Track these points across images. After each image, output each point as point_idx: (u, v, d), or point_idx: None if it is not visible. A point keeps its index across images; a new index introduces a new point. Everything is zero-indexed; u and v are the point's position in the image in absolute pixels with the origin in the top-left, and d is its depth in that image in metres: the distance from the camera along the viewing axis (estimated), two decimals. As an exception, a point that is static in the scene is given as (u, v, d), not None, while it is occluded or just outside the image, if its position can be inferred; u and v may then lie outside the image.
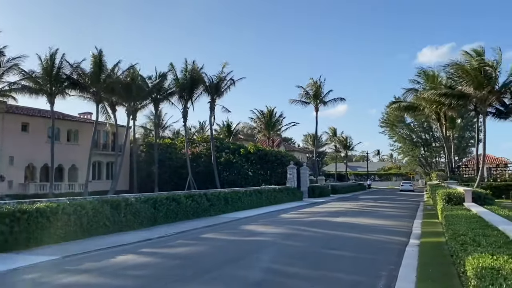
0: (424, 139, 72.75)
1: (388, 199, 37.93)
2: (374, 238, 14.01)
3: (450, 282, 7.65)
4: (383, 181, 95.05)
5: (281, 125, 61.08)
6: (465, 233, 7.96)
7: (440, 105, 39.11)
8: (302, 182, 38.55)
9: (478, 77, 32.40)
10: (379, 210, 25.32)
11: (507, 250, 6.15)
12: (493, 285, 4.28)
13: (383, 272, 8.79)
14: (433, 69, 43.42)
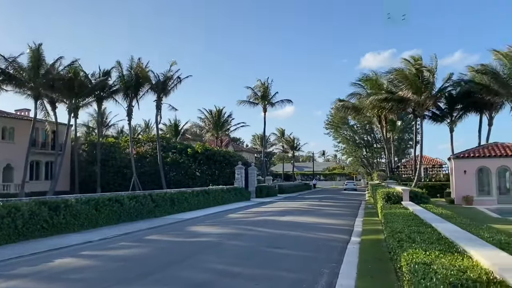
0: (366, 140, 75.64)
1: (332, 198, 39.04)
2: (318, 236, 14.35)
3: (387, 277, 7.99)
4: (328, 180, 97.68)
5: (230, 125, 61.08)
6: (402, 231, 8.34)
7: (381, 109, 40.86)
8: (250, 182, 38.74)
9: (416, 83, 34.15)
10: (323, 209, 25.99)
11: (439, 246, 6.50)
12: (424, 279, 4.50)
13: (326, 269, 9.01)
14: (375, 74, 45.26)
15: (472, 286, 4.21)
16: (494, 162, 27.57)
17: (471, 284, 4.25)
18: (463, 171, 28.22)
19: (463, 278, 4.48)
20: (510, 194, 27.24)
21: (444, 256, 5.65)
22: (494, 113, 39.08)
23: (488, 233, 8.09)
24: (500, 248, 6.25)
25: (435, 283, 4.28)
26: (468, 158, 28.47)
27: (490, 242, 6.80)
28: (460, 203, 27.28)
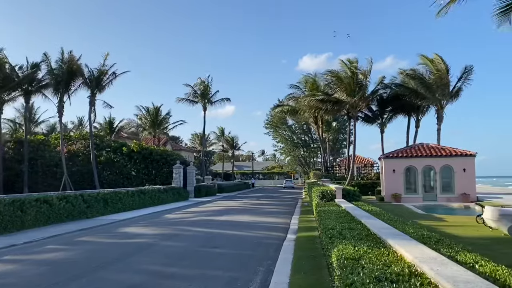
0: (303, 140, 77.60)
1: (270, 197, 39.58)
2: (254, 234, 14.46)
3: (320, 273, 8.21)
4: (267, 179, 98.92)
5: (168, 123, 59.92)
6: (334, 227, 8.62)
7: (318, 110, 42.08)
8: (188, 182, 38.23)
9: (351, 85, 35.56)
10: (261, 208, 26.27)
11: (367, 242, 6.80)
12: (352, 274, 4.67)
13: (261, 267, 9.09)
14: (313, 76, 46.56)
15: (396, 279, 4.42)
16: (420, 161, 29.38)
17: (395, 277, 4.47)
18: (392, 170, 29.79)
19: (388, 272, 4.70)
20: (434, 192, 29.16)
21: (371, 251, 5.91)
22: (421, 116, 41.71)
23: (413, 228, 8.57)
24: (422, 242, 6.64)
25: (361, 278, 4.45)
26: (396, 158, 30.09)
27: (414, 237, 7.21)
28: (390, 200, 28.78)
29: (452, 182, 28.76)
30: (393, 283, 4.25)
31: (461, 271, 4.26)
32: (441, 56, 35.30)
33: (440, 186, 29.00)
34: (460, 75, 35.54)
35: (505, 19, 15.05)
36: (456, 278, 3.91)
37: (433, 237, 7.39)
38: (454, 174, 28.62)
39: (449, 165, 28.87)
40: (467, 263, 5.20)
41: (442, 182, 29.01)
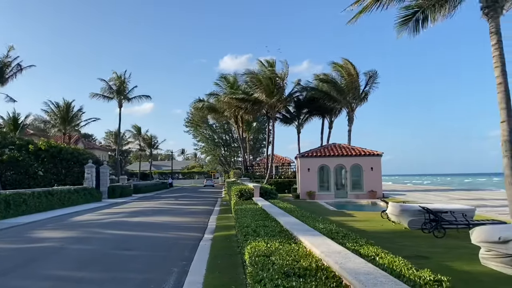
0: (224, 139, 77.83)
1: (189, 197, 39.11)
2: (170, 235, 14.18)
3: (235, 271, 8.27)
4: (187, 179, 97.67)
5: (80, 120, 56.59)
6: (249, 225, 8.73)
7: (238, 109, 42.48)
8: (101, 182, 36.45)
9: (269, 86, 36.36)
10: (179, 208, 25.86)
11: (280, 238, 6.98)
12: (263, 270, 4.75)
13: (175, 268, 8.93)
14: (232, 75, 46.90)
15: (303, 273, 4.58)
16: (332, 160, 30.91)
17: (302, 272, 4.63)
18: (307, 169, 30.99)
19: (297, 267, 4.86)
20: (345, 189, 30.86)
21: (283, 248, 6.06)
22: (334, 117, 43.95)
23: (323, 224, 8.96)
24: (330, 237, 6.96)
25: (271, 273, 4.54)
26: (311, 157, 31.37)
27: (323, 232, 7.53)
28: (305, 197, 29.91)
29: (361, 180, 30.63)
30: (300, 278, 4.39)
31: (363, 263, 4.53)
32: (351, 61, 37.57)
33: (350, 183, 30.75)
34: (367, 79, 38.05)
35: (404, 28, 16.37)
36: (358, 270, 4.14)
37: (340, 232, 7.78)
38: (363, 172, 30.52)
39: (358, 164, 30.72)
40: (369, 255, 5.54)
41: (352, 180, 30.79)
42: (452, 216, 12.88)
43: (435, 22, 15.94)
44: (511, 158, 12.29)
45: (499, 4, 12.74)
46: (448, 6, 15.13)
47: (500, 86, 12.59)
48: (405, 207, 14.26)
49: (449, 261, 8.66)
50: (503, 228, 8.23)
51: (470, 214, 13.67)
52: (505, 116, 12.48)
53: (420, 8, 15.78)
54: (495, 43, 12.70)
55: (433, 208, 13.30)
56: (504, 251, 7.51)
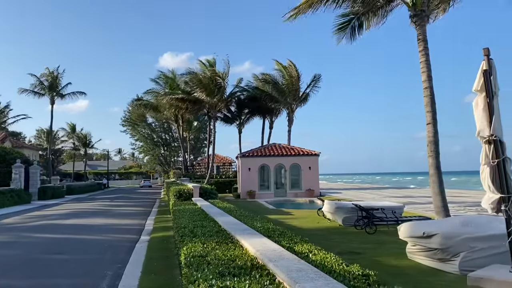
0: (164, 139, 76.29)
1: (126, 198, 37.95)
2: (105, 238, 13.68)
3: (172, 273, 8.14)
4: (124, 179, 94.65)
5: (7, 117, 53.06)
6: (186, 226, 8.62)
7: (178, 108, 41.85)
8: (31, 183, 34.33)
9: (210, 86, 36.17)
10: (115, 209, 25.01)
11: (217, 238, 6.96)
12: (197, 270, 4.71)
13: (109, 271, 8.62)
14: (173, 74, 46.09)
15: (238, 272, 4.60)
16: (272, 160, 31.39)
17: (237, 271, 4.65)
18: (248, 169, 31.22)
19: (232, 266, 4.87)
20: (284, 188, 31.45)
21: (219, 248, 6.05)
22: (275, 118, 44.63)
23: (260, 223, 9.06)
24: (267, 235, 7.06)
25: (206, 274, 4.51)
26: (252, 157, 31.65)
27: (260, 231, 7.62)
28: (245, 197, 30.11)
29: (299, 179, 31.39)
30: (235, 277, 4.40)
31: (296, 260, 4.63)
32: (294, 63, 38.28)
33: (289, 182, 31.39)
34: (310, 82, 39.04)
35: (342, 35, 17.00)
36: (290, 267, 4.23)
37: (277, 230, 7.90)
38: (302, 171, 31.28)
39: (297, 164, 31.44)
40: (303, 253, 5.68)
41: (291, 179, 31.47)
42: (382, 213, 13.56)
43: (370, 29, 16.71)
44: (436, 158, 13.17)
45: (425, 13, 13.62)
46: (381, 14, 15.91)
47: (427, 90, 13.45)
48: (340, 205, 14.80)
49: (379, 256, 9.10)
50: (427, 223, 8.80)
51: (399, 211, 14.48)
52: (431, 119, 13.35)
53: (355, 15, 16.44)
54: (422, 49, 13.55)
55: (365, 206, 13.92)
56: (427, 245, 8.01)
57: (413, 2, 13.64)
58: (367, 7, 15.51)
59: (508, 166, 7.19)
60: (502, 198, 6.96)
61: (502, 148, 7.11)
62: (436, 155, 13.26)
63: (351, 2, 15.60)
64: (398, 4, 15.44)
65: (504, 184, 7.00)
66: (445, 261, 7.73)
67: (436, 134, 13.38)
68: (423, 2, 13.48)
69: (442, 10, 15.99)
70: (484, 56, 7.20)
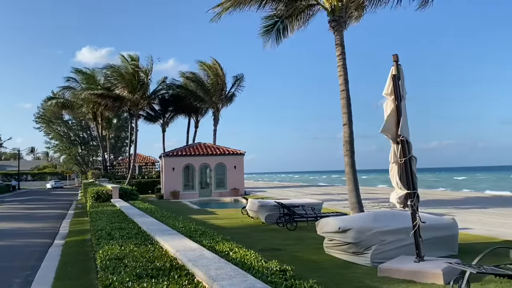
0: (82, 137, 72.38)
1: (39, 200, 35.40)
2: (14, 243, 12.69)
3: (87, 277, 7.76)
4: (37, 180, 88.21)
5: None
6: (103, 228, 8.27)
7: (97, 105, 39.89)
8: None
9: (132, 82, 34.97)
10: (26, 213, 23.26)
11: (135, 240, 6.75)
12: (113, 273, 4.54)
13: (17, 279, 8.01)
14: (91, 69, 43.90)
15: (156, 274, 4.51)
16: (197, 160, 31.12)
17: (155, 272, 4.55)
18: (172, 168, 30.65)
19: (150, 267, 4.76)
20: (209, 188, 31.33)
21: (138, 249, 5.88)
22: (200, 117, 44.29)
23: (182, 223, 8.96)
24: (189, 236, 7.00)
25: (122, 276, 4.37)
26: (176, 156, 31.13)
27: (182, 231, 7.53)
28: (169, 197, 29.52)
29: (225, 178, 31.46)
30: (153, 278, 4.31)
31: (216, 259, 4.64)
32: (219, 62, 38.25)
33: (214, 182, 31.34)
34: (233, 81, 39.24)
35: (268, 37, 17.35)
36: (209, 266, 4.22)
37: (199, 230, 7.86)
38: (227, 171, 31.38)
39: (222, 163, 31.48)
40: (224, 251, 5.71)
41: (216, 178, 31.44)
42: (303, 210, 14.04)
43: (294, 32, 17.23)
44: (351, 157, 13.93)
45: (343, 20, 14.35)
46: (303, 18, 16.48)
47: (343, 93, 14.17)
48: (263, 203, 15.09)
49: (298, 252, 9.42)
50: (343, 219, 9.25)
51: (318, 207, 15.09)
52: (347, 120, 14.10)
53: (280, 18, 16.86)
54: (339, 54, 14.26)
55: (286, 203, 14.33)
56: (343, 240, 8.44)
57: (331, 8, 14.31)
58: (289, 10, 15.97)
59: (414, 165, 7.81)
60: (408, 194, 7.55)
61: (408, 147, 7.71)
62: (351, 154, 14.01)
63: (274, 3, 15.95)
64: (319, 10, 16.10)
65: (410, 181, 7.60)
66: (359, 254, 8.20)
67: (352, 135, 14.15)
68: (341, 9, 14.21)
69: (356, 18, 16.99)
70: (393, 62, 7.76)
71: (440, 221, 9.27)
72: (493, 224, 13.44)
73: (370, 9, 16.38)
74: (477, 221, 14.21)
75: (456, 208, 18.68)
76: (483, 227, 12.75)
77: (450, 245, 8.90)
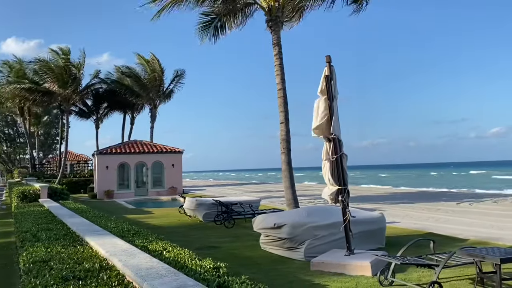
0: (7, 134, 67.66)
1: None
2: None
3: (9, 281, 7.31)
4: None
5: None
6: (28, 230, 7.79)
7: (24, 100, 37.37)
8: None
9: (63, 76, 33.22)
10: None
11: (63, 241, 6.44)
12: (37, 277, 4.31)
13: None
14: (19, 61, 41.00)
15: (84, 276, 4.33)
16: (133, 158, 30.24)
17: (83, 274, 4.37)
18: (105, 167, 29.53)
19: (78, 269, 4.56)
20: (146, 187, 30.59)
21: (65, 251, 5.62)
22: (136, 114, 43.05)
23: (115, 223, 8.68)
24: (121, 236, 6.79)
25: (47, 279, 4.15)
26: (110, 154, 30.04)
27: (114, 231, 7.29)
28: (102, 197, 28.43)
29: (162, 177, 30.86)
30: (80, 280, 4.14)
31: (147, 259, 4.54)
32: (157, 57, 37.33)
33: (151, 181, 30.64)
34: (173, 77, 38.51)
35: (205, 33, 17.23)
36: (140, 266, 4.13)
37: (132, 230, 7.66)
38: (164, 169, 30.80)
39: (160, 161, 30.84)
40: (157, 250, 5.61)
41: (153, 177, 30.76)
42: (240, 207, 14.16)
43: (232, 30, 17.25)
44: (287, 155, 14.24)
45: (280, 20, 14.61)
46: (241, 16, 16.56)
47: (280, 92, 14.44)
48: (200, 201, 15.01)
49: (235, 249, 9.49)
50: (278, 215, 9.46)
51: (256, 204, 15.29)
52: (283, 119, 14.39)
53: (218, 15, 16.80)
54: (276, 53, 14.51)
55: (224, 201, 14.36)
56: (278, 235, 8.62)
57: (269, 8, 14.52)
58: (227, 8, 15.97)
59: (344, 162, 8.15)
60: (339, 189, 7.86)
61: (340, 145, 8.03)
62: (287, 152, 14.32)
63: (212, 1, 15.87)
64: (257, 9, 16.26)
65: (341, 178, 7.92)
66: (293, 249, 8.41)
67: (288, 133, 14.47)
68: (277, 9, 14.46)
69: (297, 18, 17.37)
70: (326, 63, 8.03)
71: (369, 215, 9.75)
72: (419, 218, 14.37)
73: (308, 11, 16.84)
74: (404, 215, 15.13)
75: (386, 204, 19.77)
76: (410, 220, 13.59)
77: (378, 238, 9.39)
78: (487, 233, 10.80)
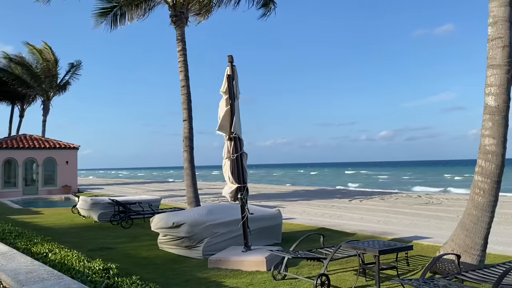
0: None
1: None
2: None
3: None
4: None
5: None
6: None
7: None
8: None
9: None
10: None
11: None
12: None
13: None
14: None
15: None
16: (22, 153, 27.67)
17: None
18: (-12, 163, 26.62)
19: None
20: (36, 185, 28.18)
21: None
22: (27, 105, 39.48)
23: (-5, 225, 7.90)
24: (1, 238, 6.22)
25: None
26: (-6, 149, 27.15)
27: (-7, 233, 6.64)
28: (-17, 197, 25.59)
29: (55, 174, 28.70)
30: None
31: (29, 262, 4.21)
32: (50, 46, 34.55)
33: (42, 179, 28.32)
34: (68, 68, 35.95)
35: (102, 20, 16.33)
36: (19, 270, 3.82)
37: (14, 231, 7.03)
38: (57, 166, 28.67)
39: (52, 158, 28.64)
40: (41, 253, 5.23)
41: (45, 174, 28.47)
42: (139, 206, 13.72)
43: (132, 21, 16.59)
44: (190, 153, 14.12)
45: (184, 15, 14.43)
46: (143, 8, 16.01)
47: (184, 89, 14.27)
48: (95, 201, 14.25)
49: (131, 249, 9.16)
50: (178, 214, 9.33)
51: (156, 203, 14.93)
52: (187, 116, 14.24)
53: (118, 4, 16.05)
54: (180, 49, 14.30)
55: (122, 200, 13.81)
56: (177, 234, 8.51)
57: (173, 2, 14.26)
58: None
59: (244, 160, 8.32)
60: (239, 187, 8.01)
61: (240, 144, 8.18)
62: (190, 150, 14.21)
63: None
64: (161, 2, 15.87)
65: (241, 176, 8.08)
66: (192, 248, 8.37)
67: (191, 130, 14.35)
68: (182, 4, 14.26)
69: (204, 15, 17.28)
70: (228, 62, 8.13)
71: (266, 212, 10.06)
72: (315, 214, 15.21)
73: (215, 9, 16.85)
74: (302, 211, 15.91)
75: (287, 201, 20.61)
76: (306, 217, 14.33)
77: (275, 234, 9.75)
78: (374, 227, 11.81)
